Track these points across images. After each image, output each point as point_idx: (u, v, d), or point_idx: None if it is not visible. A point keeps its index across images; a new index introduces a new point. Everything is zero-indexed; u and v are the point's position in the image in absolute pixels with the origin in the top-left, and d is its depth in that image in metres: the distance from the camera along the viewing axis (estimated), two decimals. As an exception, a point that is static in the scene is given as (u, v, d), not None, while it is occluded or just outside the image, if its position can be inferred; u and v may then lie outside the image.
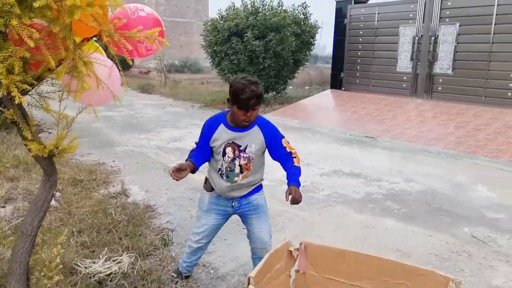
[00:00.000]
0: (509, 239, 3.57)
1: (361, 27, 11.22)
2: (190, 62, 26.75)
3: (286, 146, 2.38)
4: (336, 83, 12.07)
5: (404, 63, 10.26)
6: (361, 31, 11.23)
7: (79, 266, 2.63)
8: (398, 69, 10.40)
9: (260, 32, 10.64)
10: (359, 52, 11.33)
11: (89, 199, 4.03)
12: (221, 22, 11.35)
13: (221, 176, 2.37)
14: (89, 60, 1.84)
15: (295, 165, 2.35)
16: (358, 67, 11.39)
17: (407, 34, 10.12)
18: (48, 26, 1.73)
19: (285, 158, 2.37)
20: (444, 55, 9.45)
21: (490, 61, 8.67)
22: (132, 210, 3.81)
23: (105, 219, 3.52)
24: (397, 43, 10.34)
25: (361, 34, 11.24)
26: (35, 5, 1.42)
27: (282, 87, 12.23)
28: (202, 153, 2.42)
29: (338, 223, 3.84)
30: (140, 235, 3.29)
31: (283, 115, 10.01)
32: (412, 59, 10.04)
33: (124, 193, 4.37)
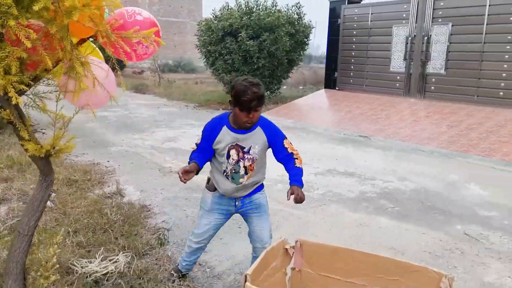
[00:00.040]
0: (501, 237, 3.62)
1: (355, 27, 11.27)
2: (184, 62, 26.72)
3: (288, 147, 2.37)
4: (330, 83, 12.12)
5: (398, 63, 10.33)
6: (355, 31, 11.29)
7: (76, 266, 2.64)
8: (392, 69, 10.46)
9: (254, 32, 10.66)
10: (353, 52, 11.39)
11: (84, 199, 4.03)
12: (215, 22, 11.36)
13: (227, 178, 2.37)
14: (86, 61, 1.85)
15: (297, 166, 2.33)
16: (352, 67, 11.44)
17: (400, 34, 10.19)
18: (45, 27, 1.74)
19: (287, 159, 2.36)
20: (437, 55, 9.52)
21: (482, 61, 8.76)
22: (128, 210, 3.82)
23: (101, 219, 3.53)
24: (391, 43, 10.40)
25: (355, 34, 11.29)
26: (35, 8, 1.43)
27: (277, 87, 12.27)
28: (204, 154, 2.40)
29: (333, 222, 3.87)
30: (136, 235, 3.30)
31: (278, 115, 10.04)
32: (405, 59, 10.11)
33: (119, 193, 4.37)
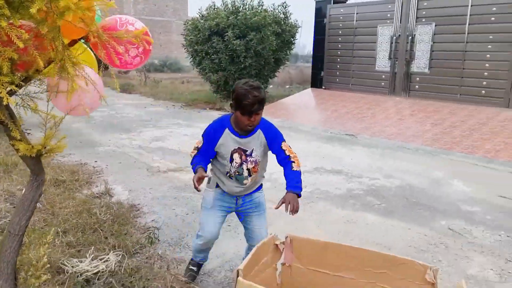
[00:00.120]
0: (483, 231, 3.72)
1: (341, 27, 11.39)
2: (170, 61, 26.59)
3: (286, 150, 2.35)
4: (317, 82, 12.23)
5: (383, 62, 10.47)
6: (341, 31, 11.40)
7: (66, 265, 2.64)
8: (377, 68, 10.60)
9: (241, 32, 10.69)
10: (339, 52, 11.50)
11: (73, 200, 4.02)
12: (202, 22, 11.36)
13: (230, 178, 2.39)
14: (78, 61, 1.86)
15: (294, 170, 2.31)
16: (338, 66, 11.56)
17: (385, 34, 10.34)
18: (36, 27, 1.75)
19: (284, 162, 2.35)
20: (421, 54, 9.69)
21: (465, 60, 8.94)
22: (117, 210, 3.82)
23: (90, 219, 3.52)
24: (376, 43, 10.54)
25: (341, 34, 11.41)
26: (32, 11, 1.44)
27: (264, 86, 12.32)
28: (206, 157, 2.42)
29: (321, 219, 3.94)
30: (126, 234, 3.30)
31: (265, 114, 9.99)
32: (390, 58, 10.26)
33: (108, 193, 4.36)
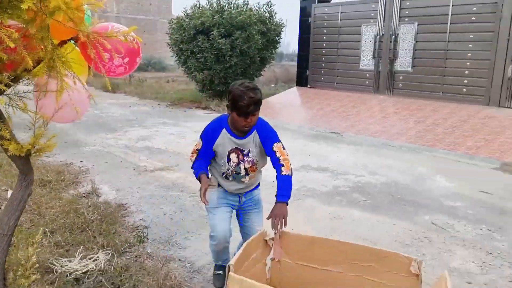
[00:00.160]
0: (465, 225, 3.83)
1: (325, 26, 11.49)
2: (154, 60, 26.37)
3: (277, 151, 2.31)
4: (302, 81, 12.31)
5: (367, 61, 10.60)
6: (325, 30, 11.50)
7: (55, 265, 2.64)
8: (361, 67, 10.73)
9: (226, 31, 10.70)
10: (324, 50, 11.60)
11: (59, 200, 3.99)
12: (187, 20, 11.32)
13: (227, 179, 2.41)
14: (67, 60, 1.87)
15: (283, 174, 2.26)
16: (323, 65, 11.66)
17: (369, 33, 10.46)
18: (24, 27, 1.75)
19: (275, 165, 2.32)
20: (404, 53, 9.84)
21: (447, 59, 9.12)
22: (104, 209, 3.81)
23: (77, 219, 3.51)
24: (360, 42, 10.66)
25: (325, 33, 11.51)
26: (23, 7, 1.45)
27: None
28: (206, 159, 2.43)
29: (308, 216, 3.99)
30: (114, 233, 3.31)
31: (251, 113, 10.10)
32: (374, 57, 10.40)
33: (95, 193, 4.35)
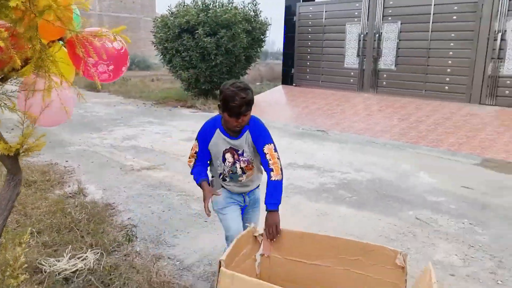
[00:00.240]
0: (448, 219, 3.93)
1: (310, 25, 11.57)
2: (138, 59, 26.13)
3: (267, 153, 2.26)
4: (287, 79, 12.38)
5: (351, 59, 10.72)
6: (310, 28, 11.59)
7: (44, 265, 2.63)
8: (346, 65, 10.85)
9: (211, 29, 10.68)
10: (309, 49, 11.69)
11: (45, 200, 3.96)
12: (171, 19, 11.27)
13: (225, 179, 2.41)
14: (56, 60, 1.87)
15: (272, 180, 2.22)
16: (308, 63, 11.75)
17: (353, 32, 10.59)
18: (12, 27, 1.74)
19: (265, 167, 2.28)
20: (388, 52, 9.99)
21: (429, 57, 9.29)
22: (92, 209, 3.79)
23: (65, 219, 3.49)
24: (344, 40, 10.78)
25: (310, 31, 11.60)
26: (11, 4, 1.45)
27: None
28: (205, 162, 2.43)
29: (296, 212, 4.04)
30: (103, 233, 3.30)
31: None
32: (359, 56, 10.52)
33: (81, 193, 4.32)
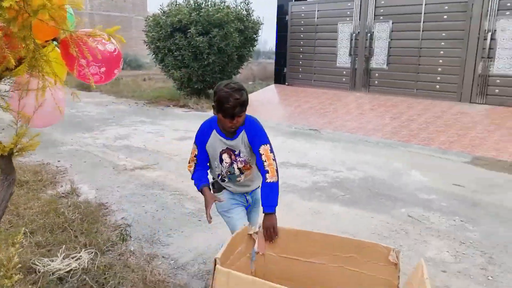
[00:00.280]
0: (440, 217, 3.98)
1: (302, 24, 11.61)
2: (130, 58, 25.99)
3: (263, 154, 2.23)
4: (280, 78, 12.41)
5: (343, 59, 10.77)
6: (302, 28, 11.62)
7: (37, 265, 2.62)
8: (338, 64, 10.90)
9: (204, 28, 10.67)
10: (301, 48, 11.72)
11: (38, 200, 3.94)
12: (163, 18, 11.23)
13: (224, 179, 2.41)
14: (50, 59, 1.86)
15: (268, 182, 2.20)
16: (301, 63, 11.78)
17: (345, 31, 10.64)
18: (6, 26, 1.74)
19: (261, 168, 2.26)
20: (380, 51, 10.05)
21: (420, 56, 9.37)
22: (85, 209, 3.78)
23: (58, 219, 3.48)
24: (336, 39, 10.83)
25: (302, 31, 11.63)
26: (5, 4, 1.45)
27: (228, 83, 12.34)
28: (205, 164, 2.41)
29: (289, 211, 4.06)
30: (96, 232, 3.30)
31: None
32: (351, 55, 10.58)
33: (74, 192, 4.31)
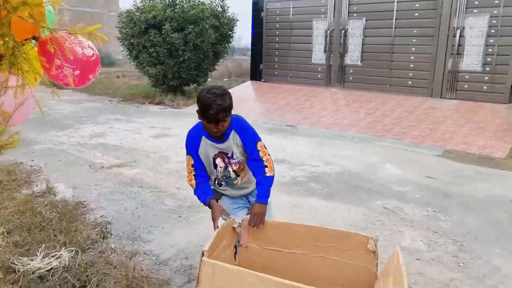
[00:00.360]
0: (413, 208, 4.12)
1: (278, 21, 11.68)
2: (102, 55, 25.33)
3: (260, 150, 2.30)
4: (256, 75, 12.46)
5: (318, 55, 10.91)
6: (278, 24, 11.69)
7: (16, 264, 2.59)
8: (313, 61, 11.03)
9: (179, 25, 10.59)
10: (277, 45, 11.80)
11: (13, 200, 3.87)
12: (137, 14, 11.08)
13: (220, 184, 2.40)
14: (28, 57, 1.85)
15: (267, 176, 2.29)
16: (276, 59, 11.86)
17: (320, 28, 10.77)
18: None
19: (257, 165, 2.31)
20: (354, 48, 10.24)
21: (393, 53, 9.60)
22: (63, 207, 3.73)
23: (35, 218, 3.43)
24: (311, 36, 10.95)
25: (278, 27, 11.70)
26: (-13, 3, 1.43)
27: (203, 80, 12.31)
28: (205, 174, 2.38)
29: (268, 205, 4.11)
30: (76, 231, 3.26)
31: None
32: (326, 51, 10.72)
33: (50, 192, 4.24)
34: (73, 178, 4.80)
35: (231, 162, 2.32)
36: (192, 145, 2.32)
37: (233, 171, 2.34)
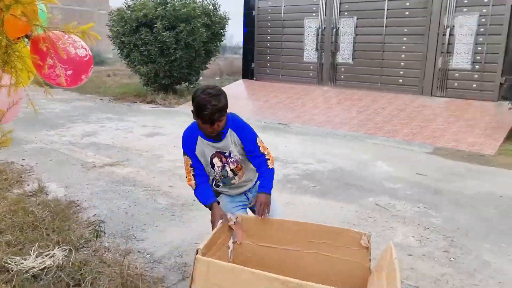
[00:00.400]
0: (405, 204, 4.17)
1: (269, 19, 11.69)
2: (92, 54, 25.17)
3: (260, 146, 2.33)
4: (248, 73, 12.46)
5: (310, 54, 10.95)
6: (269, 23, 11.70)
7: (9, 264, 2.58)
8: (305, 59, 11.07)
9: (170, 23, 10.56)
10: (268, 43, 11.81)
11: (4, 199, 3.84)
12: (128, 12, 11.02)
13: (218, 184, 2.40)
14: (22, 55, 1.84)
15: (270, 168, 2.34)
16: (268, 58, 11.87)
17: (312, 26, 10.81)
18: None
19: (260, 160, 2.34)
20: (345, 46, 10.29)
21: (384, 51, 9.66)
22: (55, 207, 3.71)
23: (27, 217, 3.41)
24: (303, 35, 10.98)
25: (270, 26, 11.71)
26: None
27: (195, 78, 12.30)
28: (204, 173, 2.36)
29: (261, 203, 4.14)
30: (69, 230, 3.26)
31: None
32: (317, 50, 10.76)
33: (42, 191, 4.22)
34: (65, 177, 4.77)
35: (229, 161, 2.31)
36: (189, 146, 2.30)
37: (231, 170, 2.33)
